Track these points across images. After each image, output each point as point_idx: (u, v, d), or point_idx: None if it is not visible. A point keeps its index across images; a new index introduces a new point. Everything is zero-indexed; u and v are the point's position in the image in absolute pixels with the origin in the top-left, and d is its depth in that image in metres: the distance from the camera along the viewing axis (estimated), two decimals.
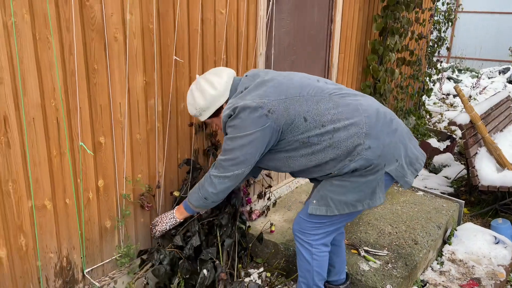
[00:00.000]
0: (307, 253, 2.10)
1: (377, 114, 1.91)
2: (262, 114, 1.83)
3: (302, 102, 1.87)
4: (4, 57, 1.58)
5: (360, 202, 1.94)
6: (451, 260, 2.95)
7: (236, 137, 1.87)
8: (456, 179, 4.48)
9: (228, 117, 1.90)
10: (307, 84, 1.94)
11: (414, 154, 2.00)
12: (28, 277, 1.85)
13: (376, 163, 1.87)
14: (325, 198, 1.97)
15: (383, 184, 1.94)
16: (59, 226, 1.91)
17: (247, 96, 1.88)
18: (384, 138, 1.88)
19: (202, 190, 1.98)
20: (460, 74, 10.86)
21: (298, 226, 2.12)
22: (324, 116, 1.87)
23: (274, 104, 1.85)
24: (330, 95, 1.92)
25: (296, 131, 1.87)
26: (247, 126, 1.84)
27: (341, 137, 1.85)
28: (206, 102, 1.97)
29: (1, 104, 1.61)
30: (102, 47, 1.91)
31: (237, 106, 1.85)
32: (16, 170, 1.71)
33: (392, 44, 3.90)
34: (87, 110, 1.91)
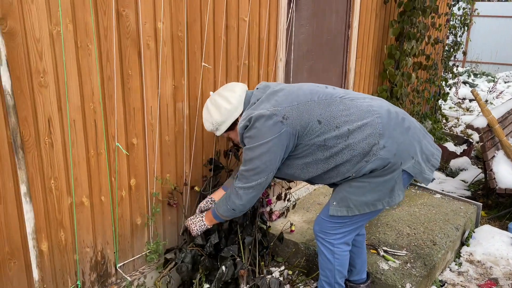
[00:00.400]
0: (329, 252, 2.17)
1: (389, 114, 1.98)
2: (277, 121, 1.90)
3: (314, 106, 1.96)
4: (49, 63, 1.71)
5: (380, 201, 2.01)
6: (469, 261, 2.99)
7: (254, 147, 1.93)
8: (473, 182, 4.50)
9: (245, 128, 1.97)
10: (316, 90, 2.03)
11: (429, 150, 2.05)
12: (66, 270, 1.97)
13: (393, 162, 1.94)
14: (345, 199, 2.04)
15: (401, 182, 2.00)
16: (95, 222, 2.03)
17: (260, 106, 1.96)
18: (398, 137, 1.95)
19: (230, 202, 2.05)
20: (476, 78, 10.81)
21: (319, 226, 2.19)
22: (338, 118, 1.94)
23: (287, 110, 1.92)
24: (340, 98, 2.00)
25: (311, 134, 1.94)
26: (263, 134, 1.91)
27: (356, 138, 1.92)
28: (222, 116, 2.05)
29: (46, 107, 1.74)
30: (136, 54, 2.03)
31: (252, 116, 1.92)
32: (58, 168, 1.83)
33: (409, 49, 3.96)
34: (122, 113, 2.03)
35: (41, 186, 1.79)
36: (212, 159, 2.55)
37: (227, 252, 2.38)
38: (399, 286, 2.40)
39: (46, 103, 1.74)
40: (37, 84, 1.69)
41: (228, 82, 2.57)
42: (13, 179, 1.68)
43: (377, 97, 2.12)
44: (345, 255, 2.19)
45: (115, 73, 1.95)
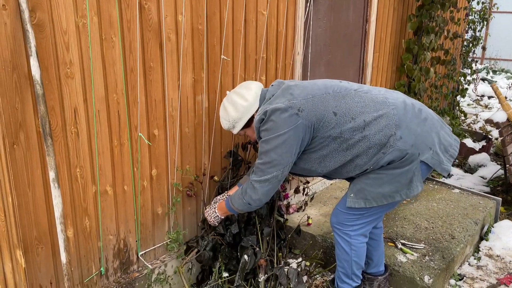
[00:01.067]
0: (346, 244, 2.18)
1: (405, 105, 1.99)
2: (292, 114, 1.91)
3: (329, 99, 1.97)
4: (75, 55, 1.77)
5: (398, 192, 2.01)
6: (488, 256, 2.97)
7: (270, 139, 1.95)
8: (492, 179, 4.44)
9: (260, 122, 1.99)
10: (331, 84, 2.05)
11: (447, 140, 2.05)
12: (91, 257, 2.03)
13: (411, 153, 1.93)
14: (362, 191, 2.05)
15: (419, 174, 1.99)
16: (118, 210, 2.08)
17: (275, 101, 1.98)
18: (415, 128, 1.95)
19: (246, 196, 2.04)
20: (495, 75, 10.63)
21: (336, 218, 2.20)
22: (353, 110, 1.95)
23: (302, 103, 1.94)
24: (355, 91, 2.02)
25: (327, 126, 1.95)
26: (279, 126, 1.92)
27: (373, 130, 1.93)
28: (238, 113, 2.07)
29: (72, 97, 1.79)
30: (158, 47, 2.07)
31: (268, 110, 1.95)
32: (83, 157, 1.89)
33: (427, 43, 3.93)
34: (144, 104, 2.08)
35: (67, 174, 1.85)
36: (231, 151, 2.58)
37: (246, 242, 2.41)
38: (417, 278, 2.40)
39: (72, 93, 1.79)
40: (64, 75, 1.74)
41: (246, 76, 2.60)
42: (41, 166, 1.74)
43: (393, 90, 2.13)
44: (362, 246, 2.20)
45: (138, 65, 2.00)
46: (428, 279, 2.39)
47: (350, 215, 2.14)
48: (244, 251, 2.38)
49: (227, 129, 2.18)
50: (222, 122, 2.17)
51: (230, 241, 2.42)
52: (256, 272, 2.43)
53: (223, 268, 2.39)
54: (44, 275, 1.86)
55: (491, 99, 8.31)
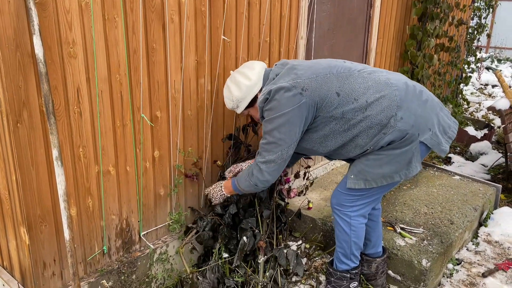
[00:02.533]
0: (346, 224, 2.21)
1: (407, 87, 2.00)
2: (296, 93, 1.93)
3: (333, 79, 1.98)
4: (78, 34, 1.77)
5: (397, 173, 2.03)
6: (486, 241, 3.00)
7: (273, 118, 1.96)
8: (493, 166, 4.45)
9: (264, 101, 2.00)
10: (335, 64, 2.06)
11: (446, 122, 2.08)
12: (93, 236, 2.06)
13: (411, 133, 1.96)
14: (362, 172, 2.07)
15: (419, 154, 2.01)
16: (120, 190, 2.10)
17: (280, 80, 1.99)
18: (416, 109, 1.97)
19: (252, 178, 2.07)
20: (500, 64, 10.56)
21: (336, 199, 2.23)
22: (356, 91, 1.97)
23: (306, 83, 1.95)
24: (358, 71, 2.03)
25: (330, 106, 1.96)
26: (283, 105, 1.93)
27: (374, 110, 1.95)
28: (241, 93, 2.09)
29: (75, 77, 1.80)
30: (161, 28, 2.07)
31: (272, 89, 1.96)
32: (86, 137, 1.90)
33: (432, 29, 3.90)
34: (146, 86, 2.08)
35: (70, 154, 1.87)
36: (232, 135, 2.59)
37: (246, 224, 2.44)
38: (415, 262, 2.43)
39: (75, 73, 1.80)
40: (66, 54, 1.75)
41: (249, 59, 2.60)
42: (44, 145, 1.76)
43: (395, 72, 2.14)
44: (362, 227, 2.23)
45: (140, 46, 2.00)
46: (426, 262, 2.42)
47: (350, 196, 2.16)
48: (243, 233, 2.41)
49: (231, 109, 2.19)
50: (226, 102, 2.18)
51: (229, 222, 2.45)
52: (256, 254, 2.46)
53: (223, 249, 2.42)
54: (48, 252, 1.89)
55: (495, 88, 8.28)
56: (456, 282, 2.59)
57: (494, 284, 2.55)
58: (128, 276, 2.20)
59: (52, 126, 1.61)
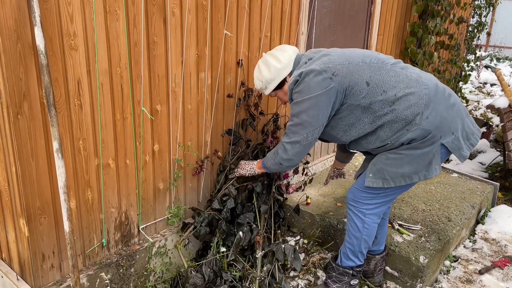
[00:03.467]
0: (359, 221, 2.21)
1: (436, 88, 2.00)
2: (326, 77, 1.94)
3: (365, 68, 1.98)
4: (79, 26, 1.76)
5: (417, 174, 2.03)
6: (483, 239, 3.01)
7: (302, 101, 1.99)
8: (491, 165, 4.47)
9: (295, 84, 2.02)
10: (369, 54, 2.06)
11: (470, 129, 2.08)
12: (92, 228, 2.06)
13: (433, 134, 1.96)
14: (381, 171, 2.06)
15: (439, 156, 2.01)
16: (120, 184, 2.10)
17: (312, 65, 2.01)
18: (442, 111, 1.97)
19: (277, 157, 2.13)
20: (499, 63, 10.56)
21: (353, 195, 2.23)
22: (386, 83, 1.97)
23: (338, 68, 1.96)
24: (391, 65, 2.02)
25: (358, 95, 1.97)
26: (312, 88, 1.95)
27: (402, 106, 1.94)
28: (271, 74, 2.12)
29: (76, 69, 1.80)
30: (162, 21, 2.06)
31: (303, 71, 1.98)
32: (86, 129, 1.90)
33: (432, 27, 3.90)
34: (147, 79, 2.08)
35: (70, 146, 1.86)
36: (231, 130, 2.59)
37: (243, 219, 2.45)
38: (412, 258, 2.44)
39: (76, 65, 1.79)
40: (67, 46, 1.74)
41: (250, 54, 2.60)
42: (45, 137, 1.76)
43: (427, 73, 2.13)
44: (374, 226, 2.23)
45: (141, 39, 1.99)
46: (423, 259, 2.43)
47: (367, 194, 2.17)
48: (240, 228, 2.42)
49: (259, 90, 2.24)
50: (255, 82, 2.22)
51: (227, 217, 2.46)
52: (254, 249, 2.47)
53: (220, 243, 2.43)
54: (47, 245, 1.89)
55: (494, 87, 8.29)
56: (453, 278, 2.60)
57: (491, 281, 2.57)
58: (126, 269, 2.20)
59: (52, 118, 1.61)
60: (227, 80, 2.51)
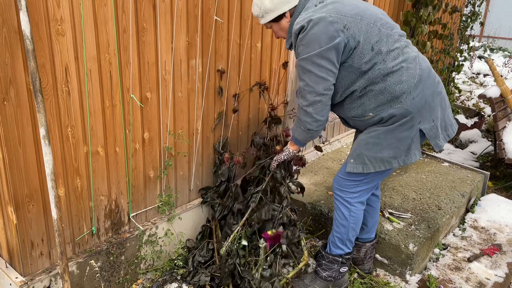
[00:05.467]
0: (346, 210, 2.22)
1: (429, 71, 1.99)
2: (337, 29, 1.83)
3: (375, 31, 1.89)
4: (66, 11, 1.73)
5: (396, 158, 2.02)
6: (473, 227, 3.04)
7: (309, 56, 1.86)
8: (482, 154, 4.50)
9: (300, 30, 1.87)
10: (381, 18, 1.96)
11: (450, 120, 2.10)
12: (82, 216, 2.05)
13: (413, 116, 1.94)
14: (361, 156, 2.07)
15: (418, 141, 2.01)
16: (109, 172, 2.09)
17: (322, 10, 1.87)
18: (428, 96, 1.96)
19: (302, 124, 2.02)
20: (492, 53, 10.59)
21: (337, 184, 2.24)
22: (389, 53, 1.89)
23: (350, 21, 1.86)
24: (399, 36, 1.97)
25: (362, 58, 1.88)
26: (320, 39, 1.83)
27: (393, 79, 1.90)
28: (272, 4, 1.98)
29: (63, 55, 1.77)
30: (151, 7, 2.03)
31: (312, 19, 1.83)
32: (74, 117, 1.88)
33: (425, 16, 3.89)
34: (136, 66, 2.06)
35: (59, 133, 1.84)
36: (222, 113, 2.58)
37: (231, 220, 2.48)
38: (402, 246, 2.46)
39: (63, 51, 1.77)
40: (54, 32, 1.71)
41: (241, 41, 2.57)
42: (32, 123, 1.74)
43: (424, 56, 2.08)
44: (360, 213, 2.24)
45: (130, 25, 1.97)
46: (412, 247, 2.45)
47: (350, 182, 2.17)
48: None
49: (256, 16, 2.09)
50: (253, 8, 2.08)
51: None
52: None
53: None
54: (36, 232, 1.88)
55: (487, 77, 8.32)
56: (442, 266, 2.63)
57: (479, 269, 2.60)
58: (117, 257, 2.20)
59: (39, 104, 1.59)
60: (218, 67, 2.49)
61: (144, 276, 2.36)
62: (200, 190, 2.63)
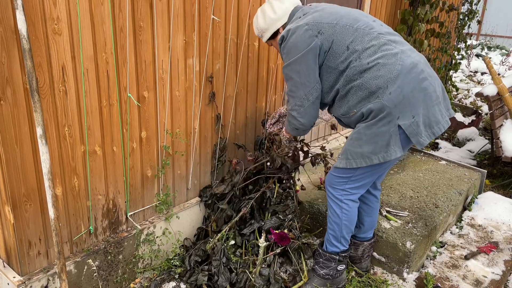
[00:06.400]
0: (337, 207, 2.23)
1: (413, 67, 1.95)
2: (312, 35, 1.99)
3: (349, 32, 1.99)
4: (63, 10, 1.73)
5: (375, 154, 2.01)
6: (470, 225, 3.05)
7: (290, 63, 2.04)
8: (479, 152, 4.52)
9: (282, 40, 2.06)
10: (360, 19, 2.05)
11: (436, 117, 2.01)
12: (79, 215, 2.05)
13: (390, 112, 1.93)
14: (345, 152, 2.11)
15: (397, 138, 1.98)
16: (107, 171, 2.09)
17: (302, 20, 2.04)
18: (407, 91, 1.94)
19: (290, 124, 2.23)
20: (490, 52, 10.61)
21: (328, 181, 2.25)
22: (364, 51, 1.97)
23: (324, 27, 2.00)
24: (378, 34, 2.00)
25: (337, 58, 1.99)
26: (298, 47, 2.00)
27: (370, 74, 1.94)
28: (265, 24, 2.18)
29: (60, 54, 1.77)
30: (148, 6, 2.03)
31: (290, 29, 2.03)
32: (71, 116, 1.88)
33: (422, 14, 3.90)
34: (133, 65, 2.06)
35: (56, 133, 1.84)
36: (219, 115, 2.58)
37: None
38: (399, 244, 2.47)
39: (60, 50, 1.76)
40: (51, 31, 1.71)
41: (238, 40, 2.57)
42: (29, 123, 1.74)
43: (418, 52, 2.09)
44: (353, 211, 2.24)
45: (127, 24, 1.96)
46: (410, 245, 2.46)
47: (339, 178, 2.18)
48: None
49: (258, 36, 2.31)
50: (254, 28, 2.30)
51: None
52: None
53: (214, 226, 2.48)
54: (33, 232, 1.88)
55: (484, 76, 8.33)
56: (439, 264, 2.64)
57: (476, 267, 2.61)
58: (115, 256, 2.21)
59: (36, 104, 1.59)
60: (216, 67, 2.49)
61: (142, 275, 2.37)
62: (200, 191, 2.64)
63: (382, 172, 2.23)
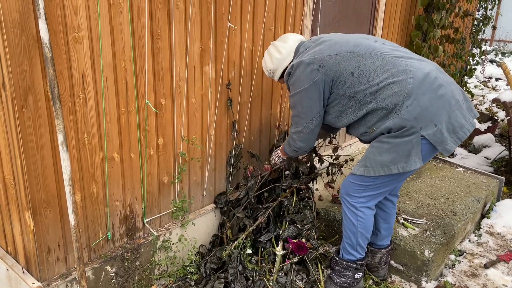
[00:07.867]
0: (352, 215, 2.21)
1: (425, 77, 1.95)
2: (313, 69, 2.06)
3: (352, 58, 2.03)
4: (83, 19, 1.75)
5: (395, 164, 2.00)
6: (489, 233, 3.00)
7: (295, 94, 2.15)
8: (496, 159, 4.45)
9: (288, 75, 2.17)
10: (361, 42, 2.07)
11: (459, 122, 1.98)
12: (98, 222, 2.06)
13: (411, 125, 1.93)
14: (364, 159, 2.10)
15: (419, 148, 1.96)
16: (124, 177, 2.11)
17: (305, 55, 2.12)
18: (424, 101, 1.93)
19: (290, 145, 2.34)
20: (504, 57, 10.48)
21: (344, 189, 2.23)
22: (371, 73, 1.99)
23: (325, 59, 2.05)
24: (381, 53, 2.01)
25: (343, 85, 2.05)
26: (302, 81, 2.09)
27: (383, 94, 1.96)
28: (273, 65, 2.28)
29: (80, 62, 1.79)
30: (166, 14, 2.05)
31: (294, 64, 2.13)
32: (91, 123, 1.90)
33: (437, 20, 3.87)
34: (151, 73, 2.07)
35: (75, 140, 1.86)
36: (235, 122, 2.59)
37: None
38: (417, 252, 2.44)
39: (80, 58, 1.79)
40: (72, 39, 1.74)
41: (254, 48, 2.59)
42: (49, 130, 1.76)
43: (428, 60, 2.08)
44: (369, 219, 2.22)
45: (146, 32, 1.98)
46: (428, 253, 2.42)
47: (356, 186, 2.16)
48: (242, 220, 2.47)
49: (269, 77, 2.39)
50: (264, 71, 2.39)
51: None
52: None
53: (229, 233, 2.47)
54: (52, 238, 1.90)
55: (499, 81, 8.23)
56: (458, 272, 2.60)
57: (496, 275, 2.56)
58: (131, 263, 2.21)
59: (57, 111, 1.61)
60: (231, 74, 2.50)
61: (158, 282, 2.37)
62: (215, 198, 2.64)
63: (401, 182, 2.22)
